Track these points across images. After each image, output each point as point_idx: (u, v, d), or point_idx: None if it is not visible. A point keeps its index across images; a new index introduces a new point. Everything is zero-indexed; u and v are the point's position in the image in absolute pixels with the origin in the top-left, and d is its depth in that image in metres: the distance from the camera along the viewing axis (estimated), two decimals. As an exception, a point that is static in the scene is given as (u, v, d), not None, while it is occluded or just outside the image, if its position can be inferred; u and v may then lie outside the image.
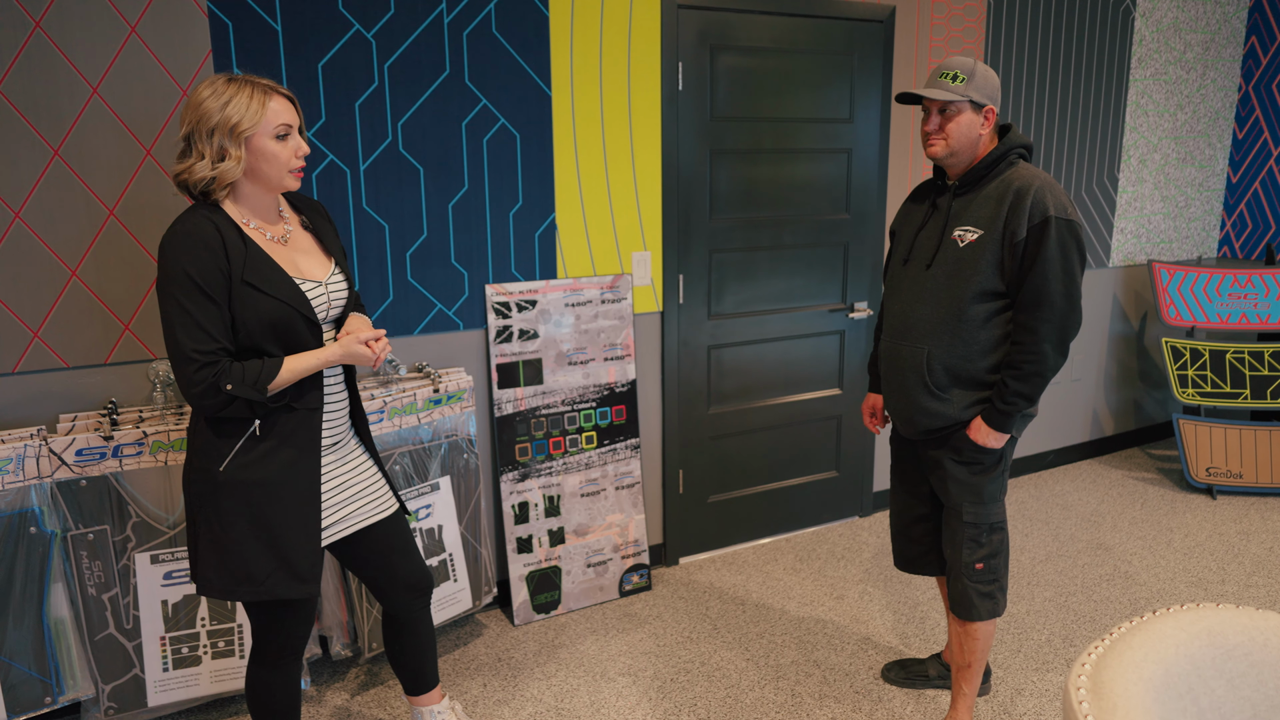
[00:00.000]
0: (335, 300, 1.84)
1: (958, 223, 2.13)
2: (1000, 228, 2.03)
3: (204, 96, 1.67)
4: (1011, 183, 2.06)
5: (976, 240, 2.07)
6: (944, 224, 2.16)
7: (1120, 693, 1.32)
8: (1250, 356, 4.06)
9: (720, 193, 3.23)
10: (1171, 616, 1.51)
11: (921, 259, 2.19)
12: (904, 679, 2.60)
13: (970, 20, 3.63)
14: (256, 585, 1.76)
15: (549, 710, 2.50)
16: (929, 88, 2.10)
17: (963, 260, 2.08)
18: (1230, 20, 4.45)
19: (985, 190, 2.11)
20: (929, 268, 2.15)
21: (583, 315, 3.01)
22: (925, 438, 2.21)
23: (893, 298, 2.26)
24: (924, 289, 2.16)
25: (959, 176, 2.16)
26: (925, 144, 2.15)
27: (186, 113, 1.68)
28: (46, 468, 2.17)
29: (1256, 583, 3.21)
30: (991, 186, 2.11)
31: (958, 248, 2.10)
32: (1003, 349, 2.10)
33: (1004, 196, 2.05)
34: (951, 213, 2.15)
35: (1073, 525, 3.73)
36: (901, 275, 2.24)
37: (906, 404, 2.20)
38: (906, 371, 2.18)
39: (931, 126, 2.11)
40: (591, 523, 3.09)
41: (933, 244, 2.17)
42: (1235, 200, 4.66)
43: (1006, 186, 2.07)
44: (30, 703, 2.20)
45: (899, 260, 2.27)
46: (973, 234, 2.08)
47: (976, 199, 2.12)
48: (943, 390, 2.13)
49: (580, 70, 2.89)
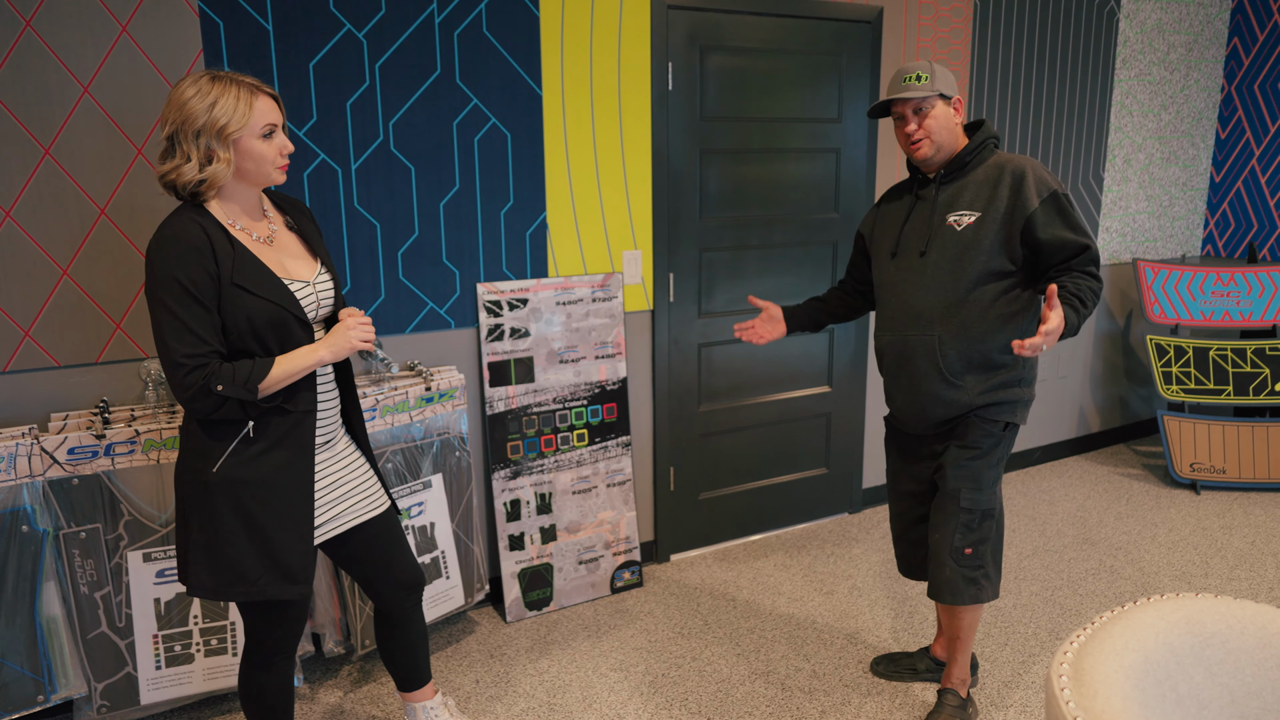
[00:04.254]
0: (324, 300, 1.85)
1: (949, 210, 2.15)
2: (1002, 207, 2.09)
3: (188, 96, 1.64)
4: (1004, 166, 2.12)
5: (975, 222, 2.11)
6: (931, 212, 2.18)
7: (1101, 680, 1.35)
8: (1233, 353, 4.12)
9: (710, 192, 3.25)
10: (1151, 606, 1.54)
11: (912, 249, 2.20)
12: (892, 672, 2.62)
13: (957, 21, 3.66)
14: (248, 586, 1.76)
15: (541, 705, 2.52)
16: (898, 92, 2.13)
17: (965, 243, 2.11)
18: (1213, 22, 4.50)
19: (972, 176, 2.16)
20: (923, 255, 2.17)
21: (574, 314, 3.03)
22: (936, 430, 2.22)
23: (888, 293, 2.25)
24: (924, 277, 2.17)
25: (942, 167, 2.19)
26: (910, 149, 2.17)
27: (170, 112, 1.65)
28: (38, 466, 2.17)
29: (1239, 576, 3.25)
30: (978, 172, 2.15)
31: (955, 232, 2.13)
32: (1010, 327, 2.13)
33: (999, 179, 2.11)
34: (940, 201, 2.17)
35: (1059, 520, 3.77)
36: (892, 269, 2.24)
37: (920, 396, 2.20)
38: (919, 361, 2.17)
39: (912, 128, 2.14)
40: (583, 520, 3.10)
41: (922, 233, 2.19)
42: (1218, 199, 4.71)
43: (999, 170, 2.12)
44: (22, 701, 2.20)
45: (885, 255, 2.27)
46: (970, 217, 2.12)
47: (966, 185, 2.15)
48: (957, 377, 2.15)
49: (571, 70, 2.91)
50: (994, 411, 2.19)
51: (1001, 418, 2.19)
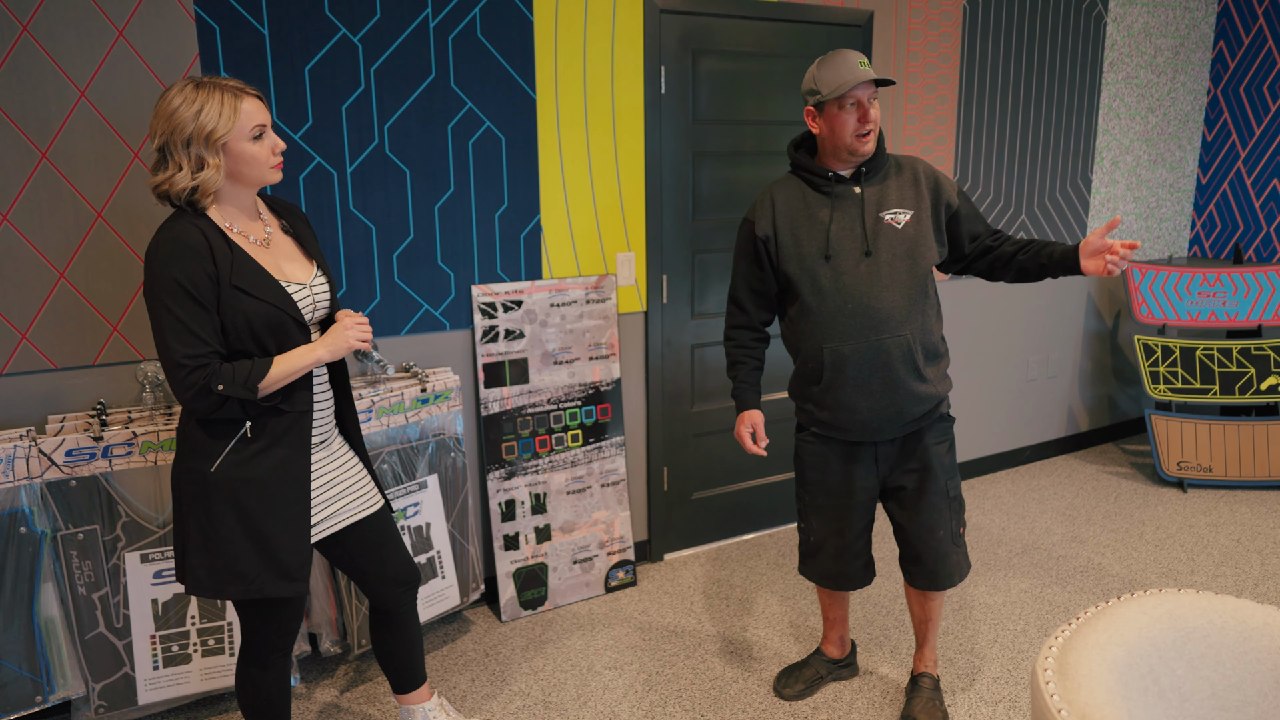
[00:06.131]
0: (320, 302, 1.87)
1: (882, 208, 2.14)
2: (927, 204, 2.17)
3: (175, 106, 1.65)
4: (912, 165, 2.21)
5: (912, 219, 2.15)
6: (862, 212, 2.13)
7: (1085, 674, 1.38)
8: (1219, 353, 4.17)
9: (702, 194, 3.28)
10: (1135, 601, 1.57)
11: (851, 250, 2.11)
12: (802, 691, 2.55)
13: (946, 25, 3.70)
14: (246, 584, 1.78)
15: (536, 704, 2.54)
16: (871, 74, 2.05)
17: (911, 240, 2.14)
18: (1199, 25, 4.55)
19: (888, 174, 2.19)
20: (869, 256, 2.11)
21: (568, 315, 3.05)
22: (903, 432, 2.22)
23: (836, 298, 2.12)
24: (881, 278, 2.10)
25: (862, 165, 2.14)
26: (858, 141, 2.08)
27: (158, 123, 1.67)
28: (36, 468, 2.18)
29: (1224, 573, 3.30)
30: (891, 170, 2.20)
31: (897, 230, 2.13)
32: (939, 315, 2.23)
33: (916, 178, 2.19)
34: (867, 200, 2.14)
35: (1048, 519, 3.81)
36: (830, 272, 2.12)
37: (898, 398, 2.14)
38: (895, 364, 2.11)
39: (873, 118, 2.08)
40: (577, 520, 3.13)
41: (856, 234, 2.12)
42: (1205, 201, 4.77)
43: (912, 169, 2.20)
44: (21, 701, 2.21)
45: (814, 257, 2.14)
46: (905, 215, 2.15)
47: (889, 184, 2.17)
48: (926, 371, 2.17)
49: (564, 74, 2.94)
50: (946, 403, 2.28)
51: (948, 404, 2.29)
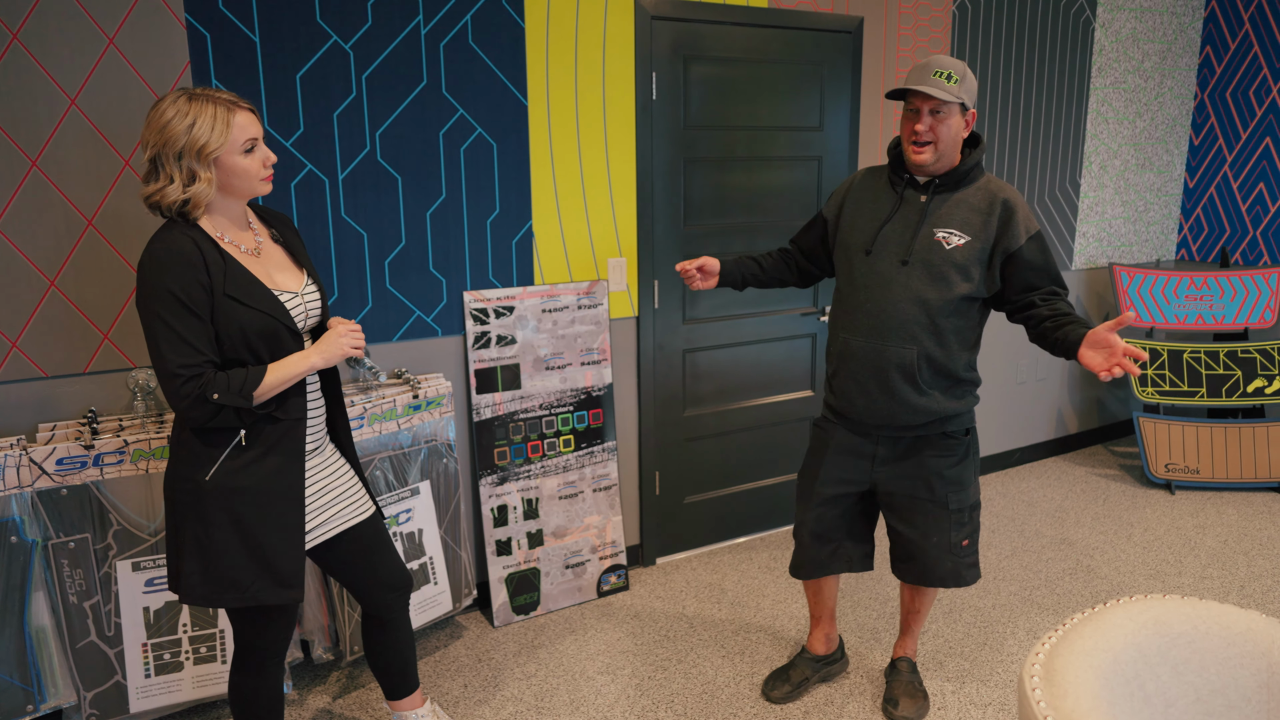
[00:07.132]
0: (311, 310, 1.88)
1: (940, 224, 2.11)
2: (992, 238, 2.10)
3: (168, 118, 1.65)
4: (996, 195, 2.11)
5: (965, 245, 2.10)
6: (919, 222, 2.13)
7: (1071, 680, 1.40)
8: (1206, 356, 4.20)
9: (694, 199, 3.30)
10: (1121, 608, 1.59)
11: (891, 254, 2.15)
12: (789, 693, 2.56)
13: (936, 31, 3.73)
14: (242, 592, 1.79)
15: (529, 709, 2.55)
16: (926, 85, 2.02)
17: (952, 263, 2.09)
18: (1186, 30, 4.59)
19: (963, 195, 2.13)
20: (905, 264, 2.12)
21: (559, 321, 3.06)
22: (897, 433, 2.24)
23: (860, 294, 2.18)
24: (906, 288, 2.12)
25: (936, 176, 2.13)
26: (912, 149, 2.08)
27: (150, 134, 1.67)
28: (27, 477, 2.18)
29: (1211, 574, 3.33)
30: (970, 193, 2.12)
31: (944, 249, 2.10)
32: (974, 349, 2.20)
33: (991, 208, 2.10)
34: (929, 211, 2.12)
35: (1038, 521, 3.84)
36: (866, 269, 2.18)
37: (892, 402, 2.17)
38: (893, 372, 2.15)
39: (924, 128, 2.05)
40: (570, 525, 3.14)
41: (904, 240, 2.14)
42: (1192, 204, 4.81)
43: (992, 198, 2.11)
44: (12, 711, 2.21)
45: (857, 250, 2.20)
46: (960, 239, 2.10)
47: (959, 203, 2.12)
48: (929, 387, 2.17)
49: (556, 80, 2.95)
50: (957, 422, 2.25)
51: (964, 425, 2.27)
